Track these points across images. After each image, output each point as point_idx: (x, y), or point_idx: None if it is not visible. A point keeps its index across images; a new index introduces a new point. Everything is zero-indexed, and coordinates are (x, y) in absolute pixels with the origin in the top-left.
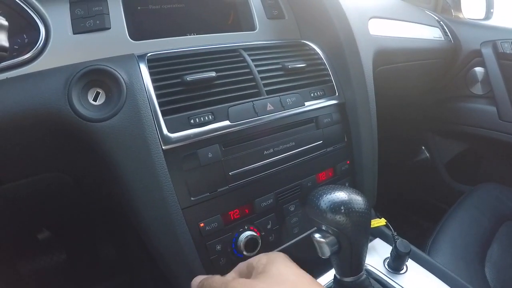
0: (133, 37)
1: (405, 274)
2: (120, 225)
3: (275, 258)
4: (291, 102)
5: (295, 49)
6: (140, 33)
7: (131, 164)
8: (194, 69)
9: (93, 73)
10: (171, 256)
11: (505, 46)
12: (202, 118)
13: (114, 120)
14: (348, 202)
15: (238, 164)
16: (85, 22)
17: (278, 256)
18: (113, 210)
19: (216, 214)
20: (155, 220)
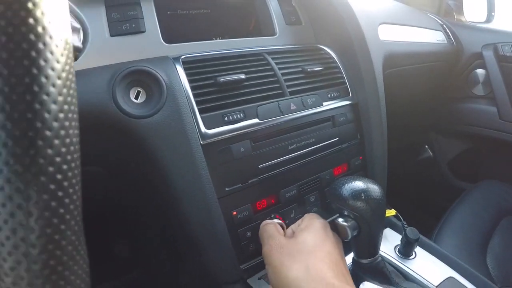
0: (166, 40)
1: (414, 259)
2: (138, 221)
3: (311, 225)
4: (311, 102)
5: (312, 53)
6: (171, 36)
7: (174, 158)
8: (225, 71)
9: (136, 73)
10: (207, 242)
11: (506, 49)
12: (234, 116)
13: (156, 117)
14: (367, 190)
15: (266, 158)
16: (121, 25)
17: (314, 224)
18: (138, 206)
19: (247, 203)
20: (194, 209)
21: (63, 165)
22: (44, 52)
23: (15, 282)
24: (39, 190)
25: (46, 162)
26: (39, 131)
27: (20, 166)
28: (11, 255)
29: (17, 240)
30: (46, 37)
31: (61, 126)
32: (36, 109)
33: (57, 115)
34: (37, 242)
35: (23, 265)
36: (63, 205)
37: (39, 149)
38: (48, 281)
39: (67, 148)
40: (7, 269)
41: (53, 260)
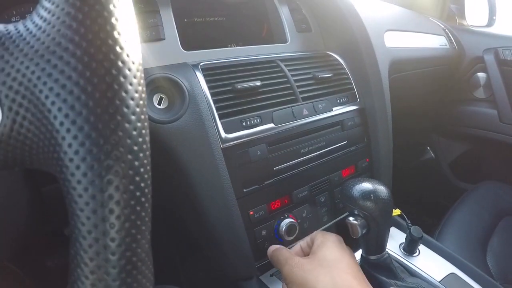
0: (184, 47)
1: (418, 256)
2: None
3: (327, 241)
4: (322, 108)
5: (322, 60)
6: (188, 43)
7: (196, 161)
8: (241, 78)
9: (159, 80)
10: (226, 240)
11: (506, 53)
12: (252, 121)
13: (179, 122)
14: (376, 191)
15: (281, 160)
16: (142, 33)
17: (329, 240)
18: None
19: (263, 203)
20: (214, 209)
21: (140, 153)
22: (130, 73)
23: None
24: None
25: (126, 150)
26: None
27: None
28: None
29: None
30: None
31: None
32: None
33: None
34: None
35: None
36: (143, 194)
37: (120, 138)
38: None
39: (142, 139)
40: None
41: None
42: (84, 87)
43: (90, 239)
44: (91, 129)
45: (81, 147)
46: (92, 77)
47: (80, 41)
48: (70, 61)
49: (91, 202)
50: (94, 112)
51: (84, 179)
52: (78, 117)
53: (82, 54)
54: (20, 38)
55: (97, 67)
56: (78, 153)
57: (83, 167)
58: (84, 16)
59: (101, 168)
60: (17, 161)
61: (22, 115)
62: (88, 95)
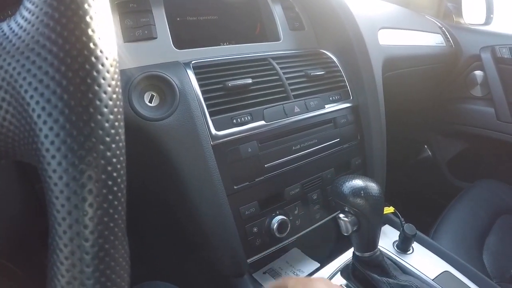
0: (176, 46)
1: (411, 254)
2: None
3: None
4: (314, 105)
5: (314, 58)
6: (180, 42)
7: (186, 158)
8: (233, 75)
9: (150, 78)
10: (216, 237)
11: (503, 51)
12: (242, 119)
13: (170, 120)
14: (366, 188)
15: (272, 157)
16: (134, 32)
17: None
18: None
19: (254, 200)
20: (204, 206)
21: (112, 144)
22: (103, 68)
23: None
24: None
25: (98, 141)
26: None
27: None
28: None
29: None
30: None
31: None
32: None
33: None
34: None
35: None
36: (116, 184)
37: (93, 129)
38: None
39: (114, 130)
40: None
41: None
42: (59, 81)
43: (64, 226)
44: (66, 121)
45: (56, 138)
46: (67, 72)
47: (57, 39)
48: (47, 57)
49: (65, 190)
50: (68, 105)
51: (59, 168)
52: (54, 110)
53: (58, 50)
54: (3, 37)
55: (71, 62)
56: (54, 143)
57: (58, 157)
58: (60, 15)
59: (75, 157)
60: (2, 153)
61: (5, 109)
62: (63, 89)
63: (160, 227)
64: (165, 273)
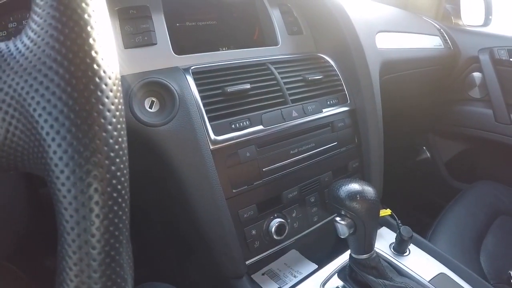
0: (175, 51)
1: (408, 256)
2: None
3: None
4: (311, 109)
5: (312, 62)
6: (180, 48)
7: (185, 162)
8: (231, 81)
9: (150, 84)
10: (215, 240)
11: (501, 53)
12: (241, 124)
13: (170, 125)
14: (362, 192)
15: (270, 161)
16: (134, 38)
17: None
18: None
19: (252, 203)
20: (204, 209)
21: (116, 159)
22: (107, 88)
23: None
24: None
25: (103, 156)
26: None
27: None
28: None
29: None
30: (106, 79)
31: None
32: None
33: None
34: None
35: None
36: (120, 196)
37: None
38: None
39: (118, 146)
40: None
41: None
42: (66, 101)
43: (73, 235)
44: (73, 138)
45: (64, 154)
46: (73, 92)
47: (62, 60)
48: (54, 79)
49: (73, 202)
50: (75, 123)
51: (68, 181)
52: (61, 128)
53: (64, 72)
54: (11, 57)
55: (76, 83)
56: (62, 159)
57: (66, 172)
58: (65, 37)
59: (82, 172)
60: (11, 166)
61: (14, 126)
62: (70, 108)
63: (160, 229)
64: (165, 275)
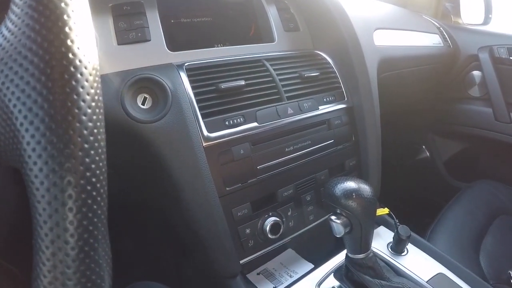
0: (170, 48)
1: (406, 256)
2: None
3: None
4: (307, 107)
5: (309, 59)
6: (174, 44)
7: (178, 159)
8: (226, 77)
9: (143, 81)
10: (208, 238)
11: (501, 51)
12: (235, 120)
13: (162, 122)
14: (358, 190)
15: (265, 159)
16: (128, 34)
17: None
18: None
19: (246, 202)
20: (196, 207)
21: (91, 150)
22: (82, 77)
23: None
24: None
25: (76, 148)
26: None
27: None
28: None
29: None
30: (82, 68)
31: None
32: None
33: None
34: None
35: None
36: (95, 188)
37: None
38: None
39: (93, 137)
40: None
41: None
42: (40, 91)
43: (46, 229)
44: (46, 129)
45: (37, 145)
46: (47, 82)
47: (37, 49)
48: (28, 68)
49: (46, 195)
50: (48, 114)
51: (40, 173)
52: (35, 118)
53: (39, 61)
54: None
55: (51, 72)
56: (35, 150)
57: (39, 163)
58: (40, 26)
59: (55, 164)
60: None
61: None
62: (44, 98)
63: (155, 229)
64: (163, 274)
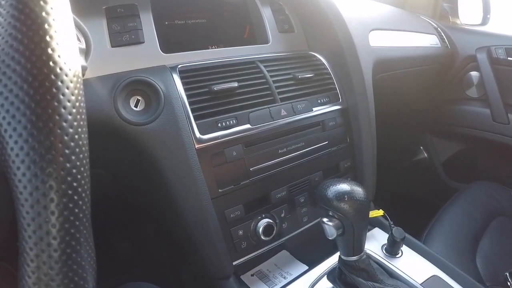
0: (163, 50)
1: (400, 257)
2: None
3: None
4: (301, 108)
5: (304, 60)
6: (168, 46)
7: (170, 161)
8: (219, 79)
9: (135, 83)
10: (201, 239)
11: (499, 52)
12: (227, 122)
13: (154, 124)
14: (350, 192)
15: (257, 161)
16: (121, 36)
17: None
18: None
19: (239, 204)
20: (189, 208)
21: (72, 156)
22: (62, 85)
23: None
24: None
25: (57, 153)
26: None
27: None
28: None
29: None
30: (63, 76)
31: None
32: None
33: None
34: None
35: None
36: (76, 193)
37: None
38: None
39: (74, 143)
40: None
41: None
42: (22, 99)
43: (29, 231)
44: (28, 135)
45: (20, 151)
46: (29, 89)
47: (19, 58)
48: (11, 76)
49: (29, 199)
50: (30, 120)
51: (24, 178)
52: (18, 125)
53: (21, 69)
54: None
55: (32, 80)
56: (18, 156)
57: (22, 168)
58: (22, 36)
59: (37, 168)
60: None
61: None
62: (26, 105)
63: (152, 231)
64: (159, 275)
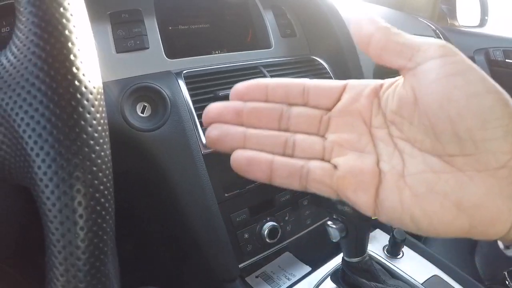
0: (168, 55)
1: (401, 258)
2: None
3: None
4: None
5: (306, 65)
6: (172, 52)
7: (177, 167)
8: (223, 84)
9: (142, 89)
10: (208, 243)
11: (497, 54)
12: None
13: (161, 130)
14: None
15: None
16: (126, 42)
17: None
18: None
19: (245, 207)
20: (196, 213)
21: (99, 173)
22: (88, 103)
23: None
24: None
25: (86, 172)
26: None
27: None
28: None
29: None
30: (88, 94)
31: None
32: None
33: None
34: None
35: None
36: (104, 209)
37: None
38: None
39: (101, 160)
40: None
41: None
42: (48, 118)
43: (59, 247)
44: (56, 154)
45: (48, 169)
46: (55, 109)
47: (44, 77)
48: (36, 95)
49: (58, 215)
50: (57, 139)
51: (52, 196)
52: (45, 144)
53: (46, 88)
54: None
55: (58, 99)
56: (46, 174)
57: (50, 186)
58: (46, 54)
59: (65, 186)
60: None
61: (1, 140)
62: (52, 124)
63: (155, 234)
64: (162, 279)
